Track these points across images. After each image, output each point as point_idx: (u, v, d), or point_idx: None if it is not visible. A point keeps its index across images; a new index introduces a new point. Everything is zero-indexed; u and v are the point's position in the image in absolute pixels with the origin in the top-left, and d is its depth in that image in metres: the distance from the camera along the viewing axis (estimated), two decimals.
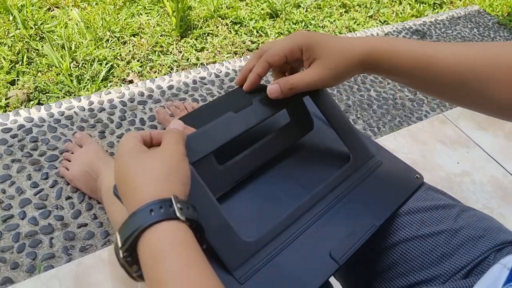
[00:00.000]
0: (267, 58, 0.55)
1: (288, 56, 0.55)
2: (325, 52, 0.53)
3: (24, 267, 0.88)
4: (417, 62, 0.52)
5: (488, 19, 2.19)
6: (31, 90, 1.30)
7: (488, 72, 0.49)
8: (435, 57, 0.52)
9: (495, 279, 0.47)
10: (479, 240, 0.56)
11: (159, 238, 0.37)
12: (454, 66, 0.51)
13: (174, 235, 0.38)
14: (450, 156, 1.25)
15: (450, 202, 0.62)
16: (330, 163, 0.63)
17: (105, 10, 1.68)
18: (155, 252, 0.36)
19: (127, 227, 0.38)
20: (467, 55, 0.51)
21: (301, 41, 0.54)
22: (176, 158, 0.43)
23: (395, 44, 0.54)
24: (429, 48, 0.53)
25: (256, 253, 0.48)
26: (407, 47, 0.53)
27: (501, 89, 0.48)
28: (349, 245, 0.52)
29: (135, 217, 0.38)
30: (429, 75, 0.52)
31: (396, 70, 0.54)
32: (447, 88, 0.53)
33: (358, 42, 0.54)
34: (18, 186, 1.01)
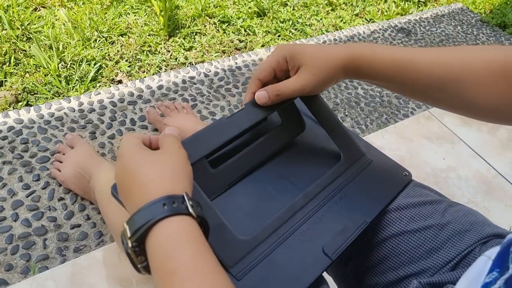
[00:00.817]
0: (257, 75, 0.58)
1: (276, 68, 0.58)
2: (309, 59, 0.56)
3: (18, 269, 0.88)
4: (397, 66, 0.54)
5: (471, 17, 2.23)
6: (19, 91, 1.29)
7: (466, 75, 0.51)
8: (414, 61, 0.54)
9: (480, 270, 0.49)
10: (465, 234, 0.59)
11: (172, 232, 0.39)
12: (433, 69, 0.53)
13: (187, 230, 0.39)
14: (436, 152, 1.28)
15: (437, 198, 0.64)
16: (321, 162, 0.64)
17: (92, 10, 1.67)
18: (168, 245, 0.38)
19: (138, 219, 0.39)
20: (444, 59, 0.53)
21: (285, 52, 0.57)
22: (182, 159, 0.45)
23: (376, 49, 0.56)
24: (408, 53, 0.55)
25: (251, 250, 0.50)
26: (387, 52, 0.55)
27: (479, 91, 0.50)
28: (341, 241, 0.53)
29: (147, 209, 0.39)
30: (409, 78, 0.54)
31: (377, 74, 0.56)
32: (428, 92, 0.55)
33: (340, 48, 0.56)
34: (10, 188, 1.01)
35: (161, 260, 0.38)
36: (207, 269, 0.38)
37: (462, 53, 0.53)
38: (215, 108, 1.37)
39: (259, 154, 0.62)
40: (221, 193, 0.57)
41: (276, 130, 0.64)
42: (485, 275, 0.44)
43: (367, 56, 0.56)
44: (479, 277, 0.47)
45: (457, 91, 0.52)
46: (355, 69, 0.56)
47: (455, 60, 0.52)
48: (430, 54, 0.54)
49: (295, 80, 0.56)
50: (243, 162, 0.60)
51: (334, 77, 0.56)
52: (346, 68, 0.56)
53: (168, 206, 0.39)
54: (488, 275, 0.43)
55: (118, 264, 0.83)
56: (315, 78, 0.55)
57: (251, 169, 0.61)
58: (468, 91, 0.51)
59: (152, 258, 0.39)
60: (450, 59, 0.53)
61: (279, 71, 0.59)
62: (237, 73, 1.52)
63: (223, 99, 1.40)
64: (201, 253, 0.39)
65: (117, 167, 0.45)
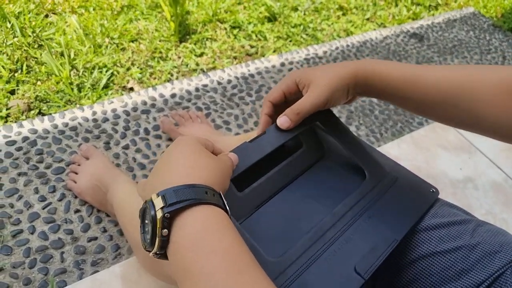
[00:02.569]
0: (268, 98, 0.61)
1: (285, 91, 0.61)
2: (318, 74, 0.58)
3: (36, 283, 0.87)
4: (406, 81, 0.55)
5: (483, 21, 2.22)
6: (32, 100, 1.29)
7: (477, 92, 0.51)
8: (424, 77, 0.55)
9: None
10: (495, 255, 0.58)
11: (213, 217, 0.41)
12: (443, 85, 0.53)
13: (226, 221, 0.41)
14: (452, 162, 1.27)
15: (465, 218, 0.63)
16: (346, 182, 0.64)
17: (103, 16, 1.67)
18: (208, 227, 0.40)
19: (179, 193, 0.40)
20: (455, 75, 0.53)
21: (295, 75, 0.60)
22: (227, 173, 0.49)
23: (386, 63, 0.58)
24: (417, 69, 0.56)
25: (282, 272, 0.49)
26: (396, 67, 0.57)
27: (490, 109, 0.50)
28: (372, 259, 0.53)
29: (191, 189, 0.41)
30: (418, 94, 0.55)
31: (386, 88, 0.57)
32: (438, 108, 0.55)
33: (348, 62, 0.59)
34: (26, 200, 1.01)
35: (197, 239, 0.39)
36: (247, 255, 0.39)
37: (472, 70, 0.53)
38: (229, 117, 1.36)
39: (283, 176, 0.63)
40: (248, 216, 0.57)
41: (299, 154, 0.65)
42: None
43: (376, 70, 0.57)
44: None
45: (467, 108, 0.52)
46: (364, 82, 0.58)
47: (466, 77, 0.52)
48: (439, 71, 0.55)
49: (309, 95, 0.58)
50: (268, 185, 0.61)
51: (345, 86, 0.58)
52: (355, 79, 0.58)
53: (209, 195, 0.41)
54: None
55: (138, 280, 0.82)
56: (326, 88, 0.57)
57: (277, 190, 0.61)
58: (479, 108, 0.51)
59: (184, 236, 0.39)
60: (461, 76, 0.53)
61: (289, 94, 0.61)
62: (250, 81, 1.51)
63: (237, 107, 1.39)
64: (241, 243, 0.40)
65: (172, 145, 0.48)
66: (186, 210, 0.40)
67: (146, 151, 1.19)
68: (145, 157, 1.17)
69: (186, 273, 0.38)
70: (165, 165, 0.45)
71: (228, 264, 0.37)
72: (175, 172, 0.43)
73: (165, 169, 0.45)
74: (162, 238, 0.40)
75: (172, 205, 0.39)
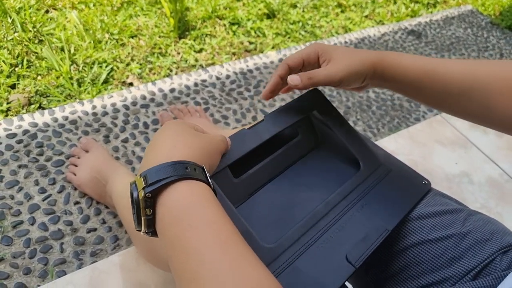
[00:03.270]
0: (287, 60, 0.61)
1: (305, 59, 0.60)
2: (340, 54, 0.59)
3: (36, 273, 0.89)
4: (423, 71, 0.57)
5: (481, 19, 2.23)
6: (32, 94, 1.30)
7: (491, 84, 0.52)
8: (441, 67, 0.56)
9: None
10: (486, 243, 0.59)
11: (193, 192, 0.41)
12: (458, 76, 0.54)
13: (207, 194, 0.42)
14: (448, 157, 1.28)
15: (457, 207, 0.64)
16: (341, 171, 0.65)
17: (103, 12, 1.68)
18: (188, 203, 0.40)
19: (159, 172, 0.41)
20: (470, 67, 0.55)
21: (318, 47, 0.60)
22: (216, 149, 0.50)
23: (403, 56, 0.59)
24: (433, 60, 0.57)
25: (276, 258, 0.50)
26: (413, 59, 0.58)
27: (503, 101, 0.51)
28: (364, 248, 0.54)
29: (171, 167, 0.41)
30: (435, 83, 0.56)
31: (403, 79, 0.58)
32: (452, 99, 0.56)
33: (370, 51, 0.60)
34: (26, 192, 1.02)
35: (180, 214, 0.39)
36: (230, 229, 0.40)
37: (488, 64, 0.54)
38: (228, 112, 1.37)
39: (279, 164, 0.63)
40: (243, 202, 0.58)
41: (295, 142, 0.66)
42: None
43: (395, 60, 0.58)
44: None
45: (481, 100, 0.53)
46: (382, 70, 0.59)
47: (481, 70, 0.54)
48: (454, 63, 0.56)
49: (326, 69, 0.58)
50: (264, 172, 0.61)
51: (363, 72, 0.59)
52: (375, 68, 0.59)
53: (190, 170, 0.42)
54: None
55: (137, 268, 0.83)
56: (346, 68, 0.57)
57: (272, 178, 0.62)
58: (492, 101, 0.52)
59: (168, 212, 0.40)
60: (476, 69, 0.54)
61: (308, 63, 0.61)
62: (249, 76, 1.52)
63: (235, 102, 1.41)
64: (224, 216, 0.41)
65: (160, 129, 0.49)
66: (168, 187, 0.41)
67: (145, 144, 1.20)
68: (144, 150, 1.18)
69: (173, 248, 0.38)
70: (151, 148, 0.46)
71: (213, 236, 0.38)
72: (158, 153, 0.44)
73: (150, 151, 0.46)
74: (147, 217, 0.41)
75: (152, 184, 0.40)
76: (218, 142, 0.50)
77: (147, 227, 0.42)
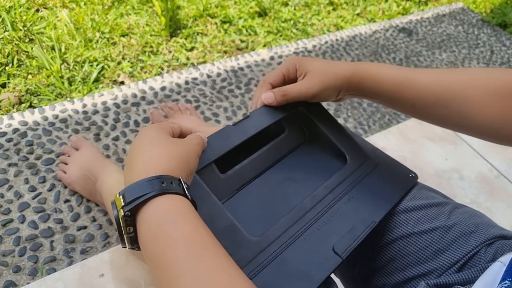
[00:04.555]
0: (267, 79, 0.62)
1: (285, 74, 0.62)
2: (315, 67, 0.60)
3: (26, 270, 0.89)
4: (398, 83, 0.58)
5: (472, 16, 2.24)
6: (23, 93, 1.30)
7: (466, 92, 0.53)
8: (415, 79, 0.57)
9: (494, 277, 0.50)
10: (471, 235, 0.60)
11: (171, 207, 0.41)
12: (433, 85, 0.55)
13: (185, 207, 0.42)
14: (438, 153, 1.29)
15: (443, 200, 0.65)
16: (328, 166, 0.66)
17: (94, 11, 1.67)
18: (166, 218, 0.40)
19: (136, 189, 0.41)
20: (445, 77, 0.56)
21: (295, 61, 0.62)
22: (192, 154, 0.49)
23: (379, 67, 0.60)
24: (409, 71, 0.58)
25: (262, 250, 0.51)
26: (389, 70, 0.59)
27: (480, 109, 0.52)
28: (350, 240, 0.54)
29: (146, 183, 0.41)
30: (410, 95, 0.57)
31: (378, 90, 0.59)
32: (428, 109, 0.57)
33: (346, 63, 0.61)
34: (16, 190, 1.02)
35: (158, 231, 0.39)
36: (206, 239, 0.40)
37: (463, 72, 0.55)
38: (218, 109, 1.37)
39: (266, 160, 0.64)
40: (231, 197, 0.58)
41: (282, 138, 0.66)
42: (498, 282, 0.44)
43: (370, 72, 0.60)
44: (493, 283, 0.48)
45: (458, 109, 0.54)
46: (357, 83, 0.60)
47: (456, 78, 0.55)
48: (430, 73, 0.57)
49: (301, 84, 0.60)
50: (251, 167, 0.62)
51: (337, 87, 0.60)
52: (349, 81, 0.60)
53: (166, 184, 0.42)
54: (500, 283, 0.43)
55: (127, 265, 0.84)
56: (319, 83, 0.59)
57: (259, 173, 0.62)
58: (469, 109, 0.53)
59: (146, 229, 0.40)
60: (451, 78, 0.55)
61: (288, 78, 0.63)
62: (240, 74, 1.52)
63: (226, 100, 1.41)
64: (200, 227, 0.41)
65: (135, 138, 0.48)
66: (146, 204, 0.41)
67: None
68: None
69: (153, 263, 0.39)
70: (129, 161, 0.46)
71: (189, 250, 0.38)
72: (135, 167, 0.44)
73: (128, 165, 0.46)
74: (129, 235, 0.42)
75: (130, 203, 0.40)
76: (194, 147, 0.50)
77: (130, 244, 0.42)
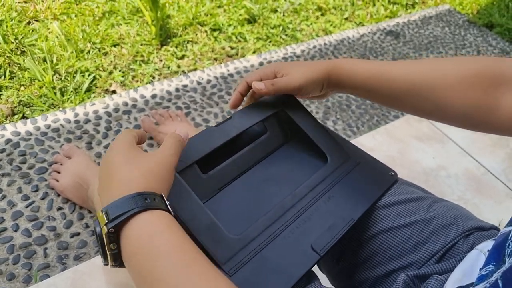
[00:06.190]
0: (246, 78, 0.65)
1: (263, 76, 0.65)
2: (296, 67, 0.64)
3: (20, 278, 0.90)
4: (373, 75, 0.61)
5: (458, 18, 2.27)
6: (15, 104, 1.31)
7: (439, 81, 0.55)
8: (389, 70, 0.60)
9: (472, 263, 0.52)
10: (449, 227, 0.61)
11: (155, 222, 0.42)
12: (406, 76, 0.58)
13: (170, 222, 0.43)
14: (426, 152, 1.31)
15: (422, 195, 0.67)
16: (309, 165, 0.67)
17: (85, 22, 1.70)
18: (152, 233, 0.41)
19: (119, 206, 0.41)
20: (418, 67, 0.59)
21: (275, 66, 0.65)
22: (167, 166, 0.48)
23: (355, 62, 0.64)
24: (384, 64, 0.61)
25: (243, 248, 0.52)
26: (365, 63, 0.63)
27: (451, 96, 0.55)
28: (329, 237, 0.56)
29: (129, 199, 0.42)
30: (385, 85, 0.60)
31: (355, 82, 0.63)
32: (403, 98, 0.60)
33: (323, 61, 0.65)
34: (10, 200, 1.03)
35: (146, 244, 0.40)
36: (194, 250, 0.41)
37: (436, 62, 0.58)
38: (209, 115, 1.39)
39: (247, 160, 0.65)
40: (212, 197, 0.60)
41: (263, 139, 0.68)
42: (480, 268, 0.46)
43: (347, 66, 0.63)
44: (472, 270, 0.50)
45: (430, 96, 0.56)
46: (336, 78, 0.63)
47: (429, 67, 0.57)
48: (404, 64, 0.60)
49: (287, 77, 0.63)
50: (232, 167, 0.63)
51: (320, 81, 0.63)
52: (329, 76, 0.63)
53: (150, 201, 0.42)
54: (484, 268, 0.45)
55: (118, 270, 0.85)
56: (303, 77, 0.62)
57: (240, 173, 0.64)
58: (441, 96, 0.56)
59: (132, 244, 0.41)
60: (424, 67, 0.58)
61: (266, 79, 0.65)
62: (229, 80, 1.55)
63: (216, 106, 1.43)
64: (186, 238, 0.42)
65: (103, 160, 0.47)
66: (130, 220, 0.41)
67: None
68: None
69: (140, 277, 0.40)
70: (105, 179, 0.46)
71: (175, 262, 0.39)
72: (113, 186, 0.44)
73: (105, 183, 0.46)
74: (112, 252, 0.42)
75: (114, 219, 0.41)
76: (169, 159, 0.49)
77: (113, 260, 0.42)
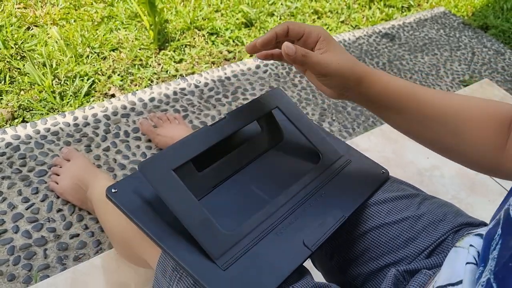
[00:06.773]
0: (288, 23, 0.57)
1: (306, 35, 0.57)
2: (339, 51, 0.56)
3: (20, 279, 0.92)
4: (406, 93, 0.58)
5: (453, 20, 2.30)
6: (15, 109, 1.33)
7: (463, 111, 0.56)
8: (419, 92, 0.58)
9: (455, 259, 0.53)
10: (439, 223, 0.63)
11: None
12: (435, 100, 0.57)
13: None
14: (420, 152, 1.33)
15: (413, 192, 0.68)
16: (301, 164, 0.69)
17: (84, 27, 1.72)
18: None
19: None
20: (447, 95, 0.58)
21: (322, 32, 0.57)
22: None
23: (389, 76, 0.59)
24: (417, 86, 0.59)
25: (236, 243, 0.54)
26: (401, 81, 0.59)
27: (471, 127, 0.55)
28: (320, 233, 0.58)
29: None
30: (413, 107, 0.57)
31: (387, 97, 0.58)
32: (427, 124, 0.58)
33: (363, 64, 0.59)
34: (10, 202, 1.05)
35: None
36: None
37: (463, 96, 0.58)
38: (206, 118, 1.41)
39: (242, 159, 0.67)
40: (207, 194, 0.62)
41: (257, 138, 0.69)
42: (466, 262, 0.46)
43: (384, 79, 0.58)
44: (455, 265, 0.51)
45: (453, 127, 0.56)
46: (367, 86, 0.58)
47: (457, 98, 0.57)
48: (435, 91, 0.59)
49: (323, 56, 0.55)
50: (227, 166, 0.65)
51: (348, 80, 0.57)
52: (360, 81, 0.57)
53: None
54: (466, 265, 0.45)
55: (117, 269, 0.87)
56: (337, 67, 0.55)
57: (235, 171, 0.66)
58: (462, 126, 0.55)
59: None
60: (452, 97, 0.57)
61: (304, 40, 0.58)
62: (227, 83, 1.57)
63: (214, 108, 1.45)
64: None
65: None
66: None
67: (126, 152, 1.24)
68: (125, 158, 1.22)
69: None
70: None
71: None
72: None
73: None
74: None
75: None
76: None
77: None
